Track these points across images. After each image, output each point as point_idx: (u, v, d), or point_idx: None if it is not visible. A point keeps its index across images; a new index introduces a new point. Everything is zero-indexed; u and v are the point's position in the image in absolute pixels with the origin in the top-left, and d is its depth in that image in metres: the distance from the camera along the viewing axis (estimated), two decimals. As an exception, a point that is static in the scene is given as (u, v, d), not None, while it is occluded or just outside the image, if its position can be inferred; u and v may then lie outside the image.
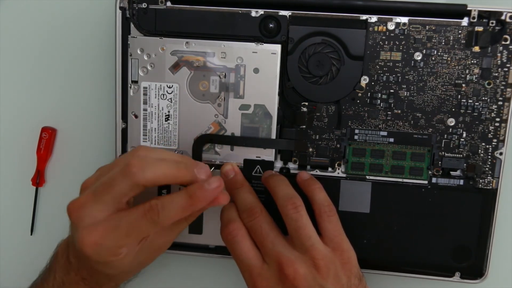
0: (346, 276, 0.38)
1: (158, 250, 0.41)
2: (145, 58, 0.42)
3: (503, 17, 0.40)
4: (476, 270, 0.44)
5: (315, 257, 0.37)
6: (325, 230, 0.39)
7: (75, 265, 0.40)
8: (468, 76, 0.41)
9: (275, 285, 0.37)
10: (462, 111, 0.42)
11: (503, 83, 0.41)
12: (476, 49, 0.41)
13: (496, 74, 0.41)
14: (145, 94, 0.43)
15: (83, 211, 0.36)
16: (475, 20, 0.40)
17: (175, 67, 0.42)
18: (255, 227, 0.39)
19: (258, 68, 0.42)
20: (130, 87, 0.43)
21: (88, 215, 0.36)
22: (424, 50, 0.41)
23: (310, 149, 0.44)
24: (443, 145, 0.43)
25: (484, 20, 0.40)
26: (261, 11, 0.41)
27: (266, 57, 0.42)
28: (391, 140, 0.43)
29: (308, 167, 0.44)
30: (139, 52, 0.42)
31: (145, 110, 0.43)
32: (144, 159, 0.36)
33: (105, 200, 0.36)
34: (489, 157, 0.42)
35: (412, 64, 0.42)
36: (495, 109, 0.42)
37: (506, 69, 0.41)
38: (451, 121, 0.42)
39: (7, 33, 0.49)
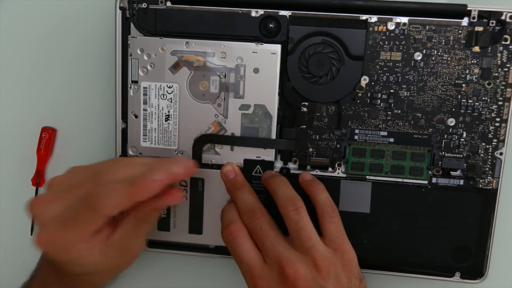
0: (347, 277, 0.38)
1: (128, 251, 0.40)
2: (145, 58, 0.42)
3: (503, 17, 0.40)
4: (476, 270, 0.44)
5: (316, 258, 0.37)
6: (326, 231, 0.39)
7: (47, 276, 0.41)
8: (468, 76, 0.41)
9: (276, 286, 0.37)
10: (462, 111, 0.42)
11: (503, 83, 0.41)
12: (476, 49, 0.41)
13: (496, 74, 0.41)
14: (145, 94, 0.43)
15: (42, 208, 0.37)
16: (475, 20, 0.40)
17: (175, 67, 0.42)
18: (255, 228, 0.39)
19: (258, 68, 0.42)
20: (130, 87, 0.43)
21: (45, 213, 0.37)
22: (424, 50, 0.41)
23: (310, 149, 0.44)
24: (443, 145, 0.43)
25: (484, 20, 0.40)
26: (261, 11, 0.41)
27: (266, 57, 0.42)
28: (391, 140, 0.43)
29: (308, 167, 0.44)
30: (139, 52, 0.42)
31: (145, 110, 0.43)
32: (103, 191, 0.35)
33: (65, 199, 0.36)
34: (489, 157, 0.42)
35: (412, 64, 0.42)
36: (495, 109, 0.42)
37: (506, 69, 0.41)
38: (451, 121, 0.42)
39: (7, 33, 0.49)
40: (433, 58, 0.41)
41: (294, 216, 0.39)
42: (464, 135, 0.42)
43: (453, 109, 0.42)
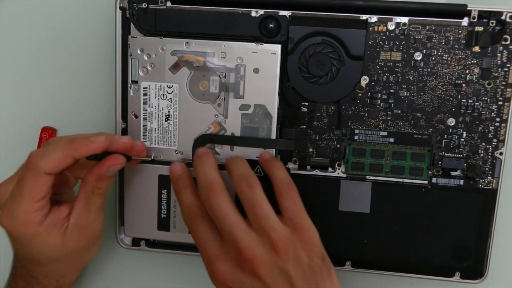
0: (308, 256, 0.37)
1: (85, 230, 0.40)
2: (145, 58, 0.42)
3: (503, 17, 0.40)
4: (476, 270, 0.44)
5: (273, 239, 0.36)
6: (284, 209, 0.37)
7: (18, 267, 0.42)
8: (468, 76, 0.41)
9: (234, 268, 0.36)
10: (462, 111, 0.42)
11: (503, 83, 0.41)
12: (476, 49, 0.41)
13: (496, 74, 0.41)
14: (145, 94, 0.43)
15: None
16: (475, 20, 0.40)
17: (175, 67, 0.42)
18: (214, 207, 0.37)
19: (258, 68, 0.42)
20: (130, 87, 0.43)
21: (2, 194, 0.39)
22: (424, 50, 0.41)
23: (310, 149, 0.44)
24: (443, 145, 0.43)
25: (484, 20, 0.40)
26: (261, 11, 0.41)
27: (266, 57, 0.42)
28: (391, 140, 0.43)
29: (308, 167, 0.44)
30: (139, 52, 0.42)
31: (145, 110, 0.43)
32: (42, 150, 0.38)
33: (22, 201, 0.38)
34: (489, 157, 0.42)
35: (412, 64, 0.42)
36: (495, 109, 0.42)
37: (506, 69, 0.41)
38: (451, 121, 0.42)
39: (7, 33, 0.49)
40: (433, 58, 0.41)
41: (248, 193, 0.37)
42: (464, 135, 0.42)
43: (453, 109, 0.42)
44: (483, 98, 0.42)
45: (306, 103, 0.43)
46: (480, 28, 0.41)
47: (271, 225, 0.36)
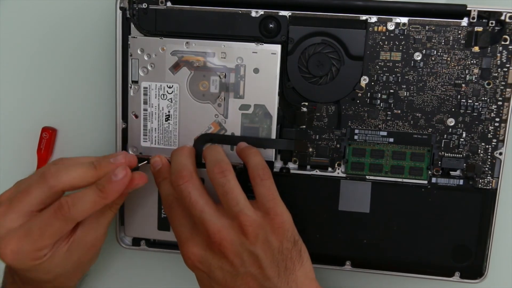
0: (278, 241, 0.37)
1: (91, 246, 0.41)
2: (146, 58, 0.42)
3: (502, 17, 0.40)
4: (476, 270, 0.44)
5: (243, 223, 0.36)
6: (258, 194, 0.38)
7: (18, 281, 0.41)
8: (467, 76, 0.41)
9: (204, 251, 0.37)
10: (462, 111, 0.42)
11: (503, 83, 0.41)
12: (476, 49, 0.41)
13: (496, 74, 0.41)
14: (145, 94, 0.43)
15: None
16: (474, 20, 0.40)
17: (175, 67, 0.42)
18: (183, 193, 0.38)
19: (258, 68, 0.42)
20: (131, 87, 0.43)
21: (2, 225, 0.37)
22: (424, 50, 0.41)
23: (310, 149, 0.44)
24: (442, 145, 0.43)
25: (484, 20, 0.41)
26: (261, 11, 0.41)
27: (266, 57, 0.42)
28: (391, 140, 0.43)
29: (308, 167, 0.44)
30: (139, 52, 0.42)
31: (145, 110, 0.43)
32: (59, 166, 0.38)
33: (20, 209, 0.37)
34: (489, 157, 0.42)
35: (412, 64, 0.42)
36: (494, 109, 0.42)
37: (505, 69, 0.41)
38: (451, 121, 0.42)
39: (7, 33, 0.49)
40: (433, 58, 0.41)
41: (220, 179, 0.38)
42: (464, 135, 0.42)
43: (453, 109, 0.42)
44: (483, 98, 0.42)
45: (306, 103, 0.43)
46: (480, 28, 0.41)
47: (242, 210, 0.37)
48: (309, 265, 0.38)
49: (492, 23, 0.40)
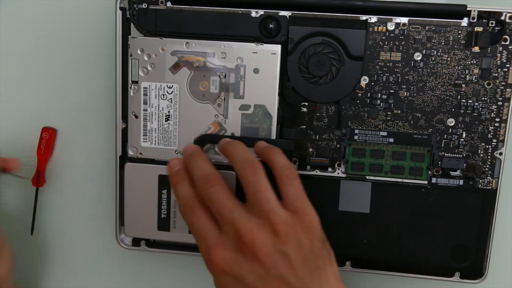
0: (309, 240, 0.36)
1: None
2: (145, 58, 0.42)
3: (502, 17, 0.40)
4: (476, 270, 0.44)
5: (274, 222, 0.35)
6: (286, 194, 0.37)
7: None
8: (468, 76, 0.41)
9: (234, 254, 0.36)
10: (462, 111, 0.42)
11: (503, 83, 0.41)
12: (476, 49, 0.41)
13: (496, 74, 0.41)
14: (145, 94, 0.43)
15: None
16: (474, 20, 0.40)
17: (175, 67, 0.42)
18: (212, 195, 0.37)
19: (258, 68, 0.42)
20: (130, 87, 0.43)
21: None
22: (424, 51, 0.41)
23: (310, 149, 0.44)
24: (443, 145, 0.43)
25: (484, 21, 0.41)
26: (261, 12, 0.41)
27: (266, 58, 0.42)
28: (391, 140, 0.43)
29: (308, 167, 0.44)
30: (139, 52, 0.42)
31: (145, 110, 0.43)
32: None
33: None
34: (489, 157, 0.42)
35: (412, 64, 0.42)
36: (494, 109, 0.42)
37: (505, 69, 0.41)
38: (451, 121, 0.42)
39: (7, 33, 0.49)
40: (433, 59, 0.41)
41: (251, 178, 0.37)
42: (464, 135, 0.42)
43: (453, 109, 0.42)
44: (483, 98, 0.42)
45: (306, 103, 0.43)
46: (480, 29, 0.41)
47: (273, 209, 0.36)
48: (336, 265, 0.38)
49: (492, 23, 0.40)
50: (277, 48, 0.41)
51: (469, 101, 0.42)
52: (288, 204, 0.37)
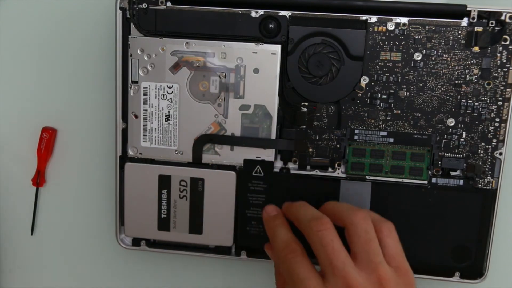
0: None
1: None
2: (145, 58, 0.42)
3: (502, 17, 0.40)
4: (476, 270, 0.44)
5: (382, 277, 0.35)
6: (387, 246, 0.37)
7: None
8: (468, 76, 0.41)
9: None
10: (462, 111, 0.42)
11: (503, 83, 0.41)
12: (476, 49, 0.41)
13: (496, 74, 0.41)
14: (145, 94, 0.43)
15: None
16: (474, 20, 0.40)
17: (175, 67, 0.42)
18: (325, 239, 0.36)
19: (258, 68, 0.42)
20: (130, 87, 0.43)
21: None
22: (424, 51, 0.41)
23: (310, 149, 0.44)
24: (443, 145, 0.43)
25: (484, 21, 0.41)
26: (261, 12, 0.41)
27: (266, 57, 0.42)
28: (391, 140, 0.43)
29: (308, 167, 0.44)
30: (139, 52, 0.42)
31: (145, 110, 0.43)
32: None
33: None
34: (489, 157, 0.42)
35: (412, 64, 0.42)
36: (494, 109, 0.42)
37: (505, 69, 0.41)
38: (451, 121, 0.42)
39: (7, 33, 0.49)
40: (433, 59, 0.41)
41: (363, 226, 0.37)
42: (464, 135, 0.42)
43: (453, 109, 0.42)
44: (483, 98, 0.42)
45: (306, 103, 0.43)
46: (480, 29, 0.41)
47: (381, 262, 0.36)
48: None
49: (492, 23, 0.40)
50: (277, 48, 0.41)
51: (469, 101, 0.42)
52: (389, 258, 0.37)
